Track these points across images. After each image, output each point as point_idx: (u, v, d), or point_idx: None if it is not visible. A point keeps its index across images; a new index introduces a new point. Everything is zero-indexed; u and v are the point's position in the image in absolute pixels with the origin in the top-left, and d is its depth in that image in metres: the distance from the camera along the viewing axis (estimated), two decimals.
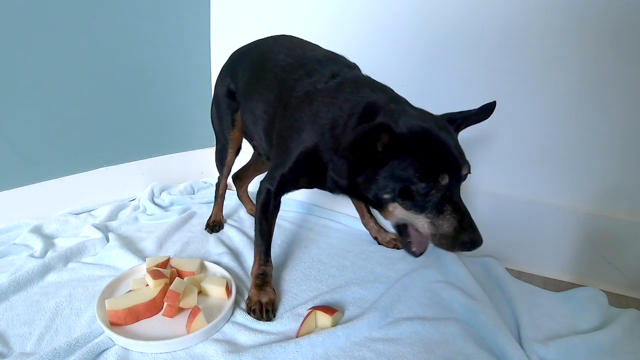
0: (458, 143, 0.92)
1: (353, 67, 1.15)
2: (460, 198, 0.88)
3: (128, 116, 1.80)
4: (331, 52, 1.19)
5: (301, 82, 1.08)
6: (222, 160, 1.51)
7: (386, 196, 0.90)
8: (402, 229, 0.96)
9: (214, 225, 1.57)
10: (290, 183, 1.10)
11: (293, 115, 1.06)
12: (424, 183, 0.83)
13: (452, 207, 0.85)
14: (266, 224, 1.14)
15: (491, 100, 1.00)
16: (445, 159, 0.86)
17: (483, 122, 1.45)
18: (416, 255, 0.96)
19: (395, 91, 1.06)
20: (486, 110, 0.99)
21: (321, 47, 1.23)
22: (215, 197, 1.61)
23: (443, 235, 0.85)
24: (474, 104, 1.44)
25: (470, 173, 0.91)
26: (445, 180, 0.84)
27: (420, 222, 0.88)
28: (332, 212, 1.73)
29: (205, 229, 1.57)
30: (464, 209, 0.86)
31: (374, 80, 1.07)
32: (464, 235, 0.83)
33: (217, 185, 1.60)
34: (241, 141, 1.49)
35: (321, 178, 1.06)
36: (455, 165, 0.87)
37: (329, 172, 1.03)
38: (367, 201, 1.00)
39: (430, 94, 1.53)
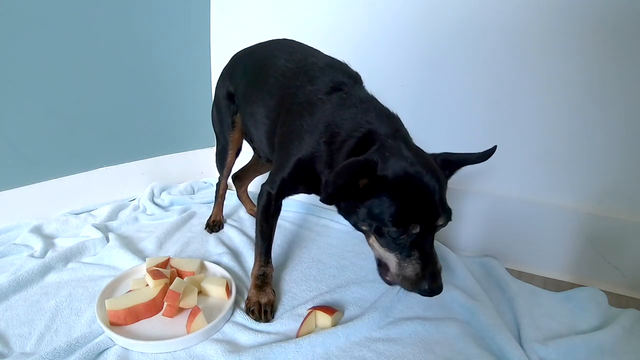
0: (443, 191, 0.89)
1: (355, 77, 1.14)
2: (431, 246, 0.90)
3: (128, 116, 1.80)
4: (333, 58, 1.19)
5: (303, 89, 1.08)
6: (222, 162, 1.52)
7: (364, 228, 0.93)
8: (378, 260, 0.98)
9: (214, 225, 1.57)
10: (289, 188, 1.10)
11: (294, 122, 1.06)
12: (395, 228, 0.85)
13: (419, 254, 0.87)
14: (267, 226, 1.14)
15: (492, 101, 0.99)
16: (421, 209, 0.86)
17: (483, 121, 1.46)
18: (390, 284, 0.97)
19: (401, 120, 1.04)
20: (487, 155, 0.98)
21: (322, 53, 1.23)
22: (216, 197, 1.61)
23: (405, 277, 0.89)
24: (474, 104, 1.46)
25: (450, 220, 0.90)
26: (416, 229, 0.85)
27: (390, 261, 0.92)
28: (332, 212, 1.72)
29: (205, 229, 1.57)
30: (429, 258, 0.88)
31: (380, 104, 1.06)
32: (423, 283, 0.87)
33: (218, 185, 1.60)
34: (241, 142, 1.50)
35: (316, 187, 1.07)
36: (430, 216, 0.87)
37: (322, 183, 1.03)
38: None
39: (430, 94, 1.53)
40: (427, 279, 0.87)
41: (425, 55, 1.51)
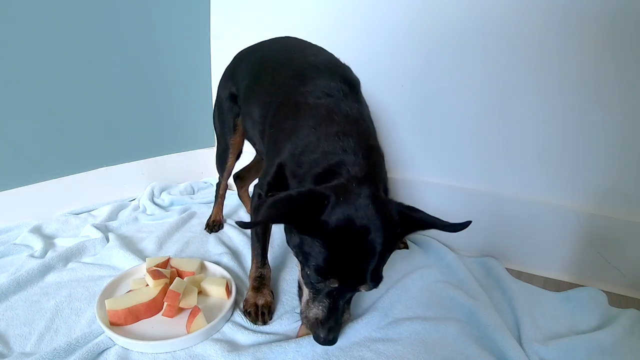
0: (381, 259, 0.83)
1: (352, 83, 1.06)
2: (347, 301, 0.90)
3: (128, 116, 1.80)
4: (334, 59, 1.14)
5: (295, 89, 1.04)
6: (223, 165, 1.50)
7: (293, 252, 0.91)
8: (299, 283, 0.97)
9: (214, 225, 1.57)
10: (276, 190, 1.07)
11: (279, 124, 1.03)
12: (315, 274, 0.83)
13: (329, 304, 0.86)
14: (261, 228, 1.13)
15: (492, 101, 0.97)
16: (348, 269, 0.81)
17: (483, 121, 1.46)
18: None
19: (384, 154, 0.97)
20: (457, 229, 0.83)
21: (325, 51, 1.19)
22: (216, 197, 1.61)
23: (307, 317, 0.89)
24: (473, 103, 1.45)
25: (376, 288, 0.85)
26: (334, 284, 0.83)
27: (304, 294, 0.92)
28: None
29: (205, 229, 1.56)
30: (335, 312, 0.87)
31: (367, 127, 0.99)
32: (320, 331, 0.87)
33: (218, 185, 1.60)
34: (242, 145, 1.49)
35: None
36: (355, 279, 0.83)
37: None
38: None
39: (429, 93, 1.53)
40: (324, 330, 0.86)
41: (424, 55, 1.51)
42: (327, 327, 0.86)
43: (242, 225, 0.77)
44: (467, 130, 1.49)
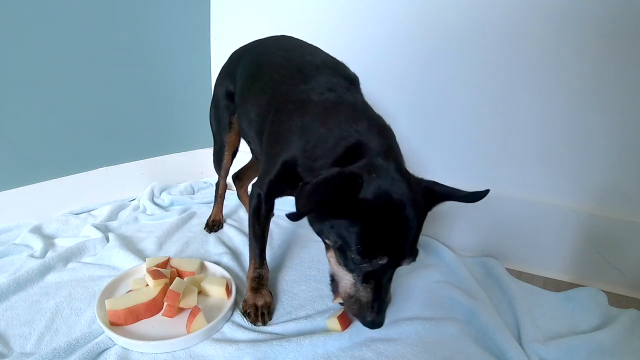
0: (418, 231, 0.85)
1: (352, 79, 1.09)
2: (389, 280, 0.87)
3: (128, 116, 1.80)
4: (331, 58, 1.15)
5: (295, 87, 1.04)
6: (219, 163, 1.50)
7: (327, 242, 0.89)
8: (332, 276, 0.95)
9: (214, 225, 1.57)
10: (277, 189, 1.07)
11: (283, 122, 1.03)
12: (360, 257, 0.81)
13: (375, 284, 0.85)
14: (259, 228, 1.12)
15: (492, 101, 0.98)
16: (393, 244, 0.81)
17: (483, 121, 1.46)
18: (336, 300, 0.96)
19: (395, 133, 0.98)
20: (477, 197, 0.88)
21: (321, 51, 1.20)
22: (215, 196, 1.61)
23: (356, 301, 0.87)
24: (473, 103, 1.46)
25: (413, 262, 0.86)
26: (383, 261, 0.82)
27: (344, 281, 0.89)
28: None
29: (205, 229, 1.56)
30: (383, 291, 0.86)
31: (374, 112, 1.00)
32: (369, 314, 0.86)
33: (217, 185, 1.60)
34: (238, 144, 1.48)
35: None
36: (400, 254, 0.83)
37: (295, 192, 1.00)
38: None
39: (429, 93, 1.53)
40: (374, 312, 0.85)
41: (424, 55, 1.51)
42: (376, 308, 0.85)
43: (291, 217, 0.77)
44: (467, 130, 1.49)
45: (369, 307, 0.85)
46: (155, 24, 1.80)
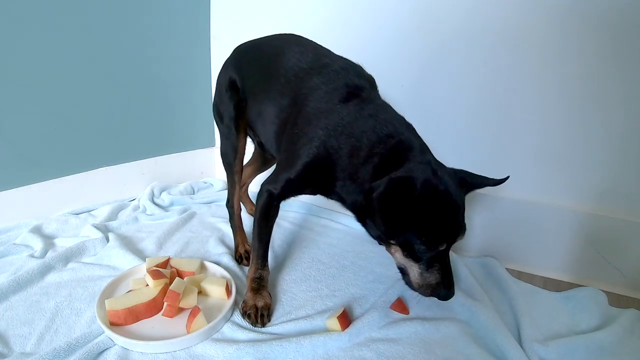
0: (464, 208, 0.97)
1: (370, 80, 1.14)
2: (448, 256, 0.98)
3: (128, 116, 1.80)
4: (346, 60, 1.17)
5: (317, 91, 1.07)
6: (233, 156, 1.35)
7: (390, 241, 0.98)
8: (402, 270, 1.02)
9: (247, 254, 1.34)
10: (294, 189, 1.09)
11: (308, 124, 1.04)
12: (425, 247, 0.92)
13: (440, 265, 0.96)
14: (265, 228, 1.12)
15: (492, 101, 1.01)
16: (450, 229, 0.94)
17: (482, 121, 1.46)
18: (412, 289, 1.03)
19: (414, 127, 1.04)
20: (502, 182, 1.03)
21: (333, 53, 1.21)
22: (232, 224, 1.42)
23: (427, 285, 0.97)
24: (473, 104, 1.46)
25: (463, 237, 0.98)
26: (443, 246, 0.94)
27: (413, 271, 0.98)
28: (332, 212, 1.73)
29: (236, 260, 1.34)
30: (448, 268, 0.97)
31: (397, 112, 1.06)
32: (442, 290, 0.97)
33: (229, 206, 1.41)
34: (247, 133, 1.39)
35: (328, 191, 1.07)
36: (455, 235, 0.95)
37: (337, 188, 1.05)
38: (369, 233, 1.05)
39: (429, 93, 1.53)
40: (446, 287, 0.96)
41: (424, 55, 1.51)
42: (448, 283, 0.96)
43: (379, 240, 0.96)
44: (467, 130, 1.49)
45: (441, 284, 0.96)
46: (155, 24, 1.80)
